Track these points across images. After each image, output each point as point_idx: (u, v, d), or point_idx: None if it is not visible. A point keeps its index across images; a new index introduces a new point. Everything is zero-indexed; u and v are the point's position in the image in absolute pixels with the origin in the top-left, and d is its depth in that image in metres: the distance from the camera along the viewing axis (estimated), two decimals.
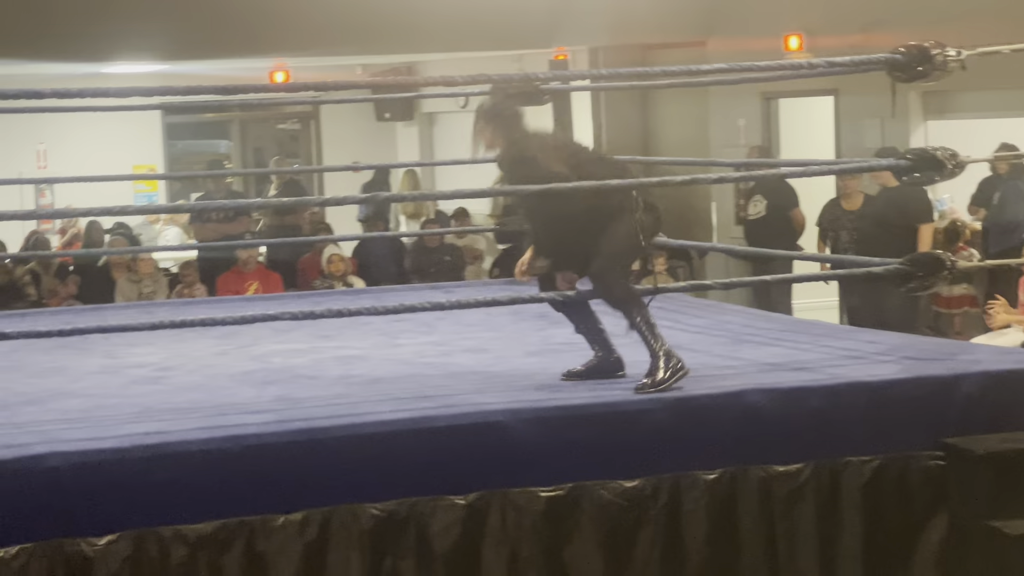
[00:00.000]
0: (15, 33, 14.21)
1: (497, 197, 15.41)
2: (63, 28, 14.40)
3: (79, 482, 4.64)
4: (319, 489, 4.87)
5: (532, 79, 6.24)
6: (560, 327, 7.03)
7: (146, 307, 8.94)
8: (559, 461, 5.10)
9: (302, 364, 6.28)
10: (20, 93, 5.30)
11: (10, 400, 5.62)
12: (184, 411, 5.28)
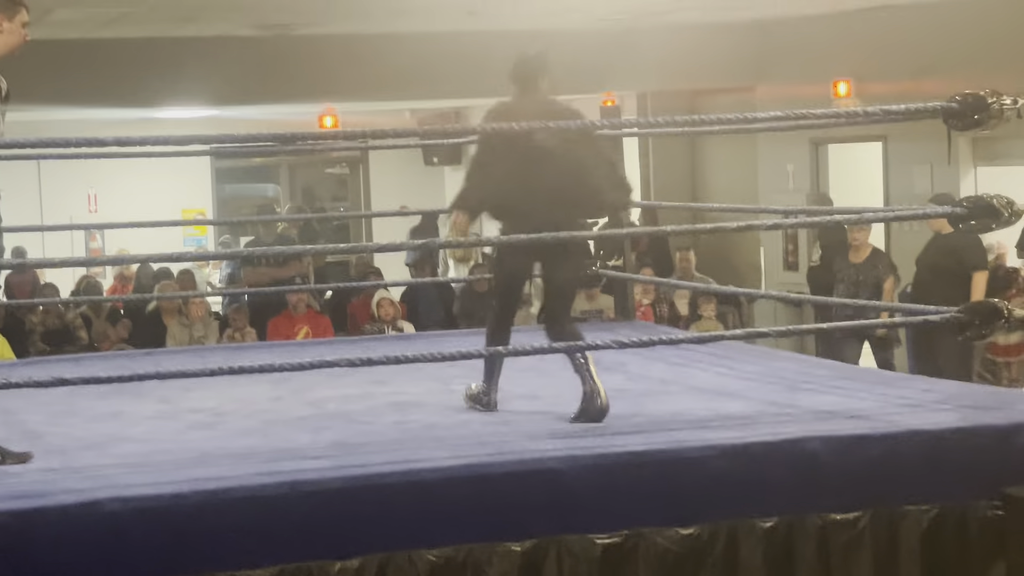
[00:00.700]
0: (69, 80, 14.38)
1: None
2: (116, 74, 14.56)
3: (138, 528, 4.66)
4: (376, 535, 4.88)
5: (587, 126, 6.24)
6: (611, 373, 7.04)
7: (199, 351, 8.99)
8: (615, 508, 5.09)
9: (357, 410, 6.30)
10: (81, 141, 5.35)
11: (68, 445, 5.66)
12: (241, 456, 5.30)
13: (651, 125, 7.32)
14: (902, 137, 13.38)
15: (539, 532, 5.01)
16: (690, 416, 5.83)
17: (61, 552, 4.59)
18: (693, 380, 6.83)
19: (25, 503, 4.64)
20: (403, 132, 8.07)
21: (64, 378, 5.16)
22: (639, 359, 7.36)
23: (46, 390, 6.37)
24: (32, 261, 8.59)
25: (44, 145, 5.31)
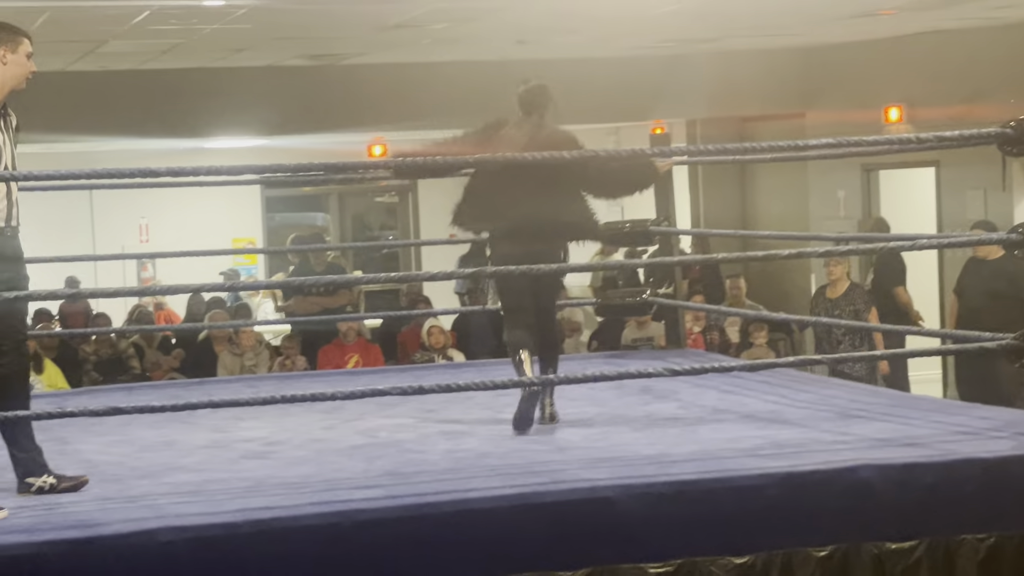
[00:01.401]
0: (120, 110, 14.49)
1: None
2: (166, 105, 14.67)
3: (192, 557, 4.67)
4: (429, 564, 4.87)
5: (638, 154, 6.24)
6: (663, 401, 7.04)
7: (250, 381, 9.00)
8: (668, 537, 5.07)
9: (409, 439, 6.30)
10: (135, 172, 5.39)
11: (123, 474, 5.68)
12: (294, 486, 5.31)
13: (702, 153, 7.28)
14: (955, 162, 13.32)
15: (592, 561, 5.00)
16: (743, 444, 5.80)
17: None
18: (745, 408, 6.80)
19: (81, 532, 4.67)
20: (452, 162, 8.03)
21: (118, 407, 5.19)
22: (691, 387, 7.34)
23: (100, 419, 6.44)
24: (85, 291, 8.48)
25: (98, 176, 5.34)
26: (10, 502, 5.07)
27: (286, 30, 12.30)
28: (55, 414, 5.20)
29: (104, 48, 12.78)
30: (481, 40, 13.42)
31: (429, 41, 13.31)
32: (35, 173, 5.36)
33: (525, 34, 13.17)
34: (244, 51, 13.52)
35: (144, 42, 12.53)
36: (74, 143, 15.82)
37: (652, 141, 9.58)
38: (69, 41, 12.30)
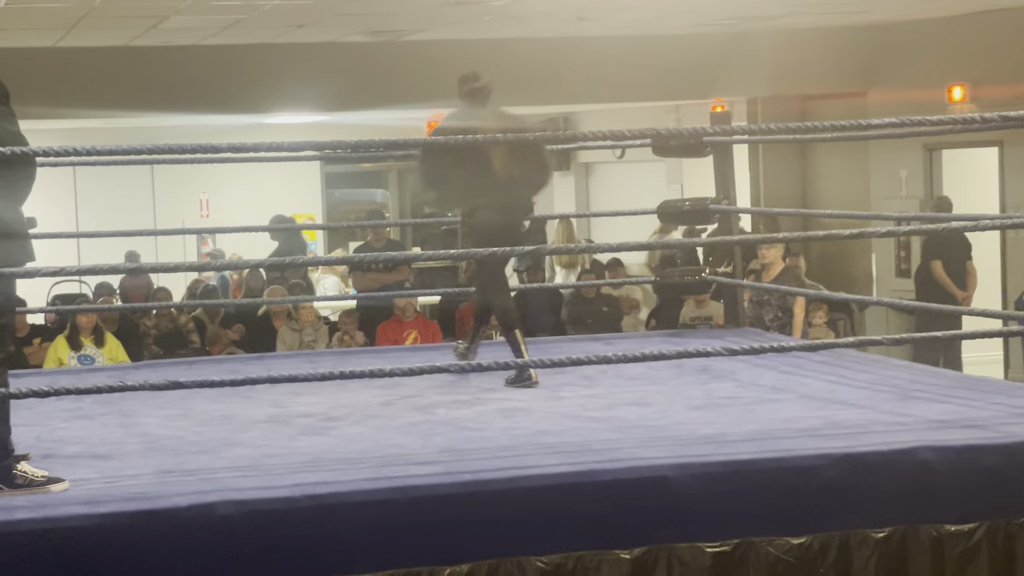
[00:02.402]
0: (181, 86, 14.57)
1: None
2: (227, 80, 14.73)
3: (250, 531, 4.70)
4: (485, 541, 4.88)
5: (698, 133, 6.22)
6: (721, 381, 7.01)
7: (309, 356, 9.02)
8: (725, 516, 5.06)
9: (466, 416, 6.30)
10: (196, 148, 5.42)
11: (182, 448, 5.72)
12: (352, 461, 5.33)
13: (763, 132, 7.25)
14: (1019, 142, 13.19)
15: (648, 540, 4.99)
16: (802, 424, 5.77)
17: (174, 554, 4.64)
18: (804, 388, 6.77)
19: (140, 505, 4.71)
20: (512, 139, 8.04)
21: (178, 381, 5.22)
22: (749, 367, 7.31)
23: (160, 393, 6.47)
24: (146, 265, 8.53)
25: (159, 152, 5.36)
26: (71, 474, 5.11)
27: (347, 6, 12.32)
28: (116, 387, 5.24)
29: (166, 23, 12.84)
30: (542, 17, 13.38)
31: (490, 18, 13.29)
32: (97, 148, 5.38)
33: (586, 11, 13.14)
34: (305, 27, 13.55)
35: (206, 17, 12.58)
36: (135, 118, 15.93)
37: (712, 119, 9.54)
38: (131, 16, 12.36)
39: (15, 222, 5.01)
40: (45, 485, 4.92)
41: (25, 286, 6.05)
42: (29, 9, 11.45)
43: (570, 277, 16.14)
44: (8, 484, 4.87)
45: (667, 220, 9.41)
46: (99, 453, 5.62)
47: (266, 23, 13.07)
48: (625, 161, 18.53)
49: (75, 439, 5.89)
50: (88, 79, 14.26)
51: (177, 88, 14.55)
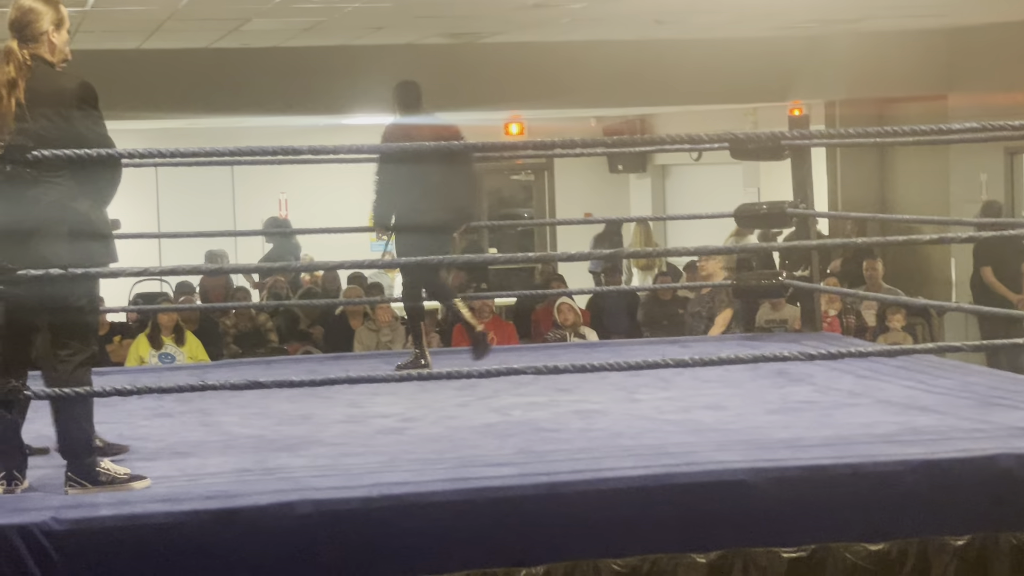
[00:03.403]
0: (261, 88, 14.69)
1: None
2: (307, 82, 14.84)
3: (328, 530, 4.74)
4: (562, 543, 4.90)
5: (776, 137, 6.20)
6: (798, 385, 6.99)
7: (386, 356, 9.07)
8: (802, 521, 5.05)
9: (542, 417, 6.32)
10: (277, 150, 5.46)
11: (261, 446, 5.78)
12: (428, 462, 5.36)
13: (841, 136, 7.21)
14: None
15: (725, 544, 4.99)
16: (879, 430, 5.74)
17: (253, 551, 4.70)
18: (882, 393, 6.73)
19: (220, 503, 4.76)
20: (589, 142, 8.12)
21: (259, 381, 5.28)
22: (826, 371, 7.28)
23: (240, 392, 6.55)
24: (227, 266, 8.75)
25: (241, 154, 5.42)
26: (153, 472, 5.18)
27: (426, 8, 12.38)
28: (197, 387, 5.30)
29: (247, 26, 12.95)
30: (619, 20, 13.38)
31: (568, 20, 13.31)
32: (181, 150, 5.45)
33: (664, 14, 13.12)
34: (384, 29, 13.62)
35: (287, 20, 12.68)
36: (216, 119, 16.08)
37: (791, 123, 9.50)
38: (214, 19, 12.48)
39: (100, 223, 5.08)
40: (128, 482, 4.99)
41: (107, 285, 6.12)
42: (114, 12, 11.59)
43: (647, 279, 16.13)
44: (92, 481, 4.94)
45: (744, 224, 9.38)
46: (180, 451, 5.69)
47: (346, 25, 13.15)
48: (702, 163, 18.50)
49: (156, 437, 5.97)
50: (171, 81, 14.42)
51: (257, 89, 14.67)
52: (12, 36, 4.99)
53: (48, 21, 5.03)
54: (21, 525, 4.56)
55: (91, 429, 5.03)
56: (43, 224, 4.94)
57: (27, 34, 4.99)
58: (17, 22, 5.01)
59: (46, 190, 4.92)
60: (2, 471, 4.99)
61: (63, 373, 4.98)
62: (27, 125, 4.90)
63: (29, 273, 4.85)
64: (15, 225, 4.96)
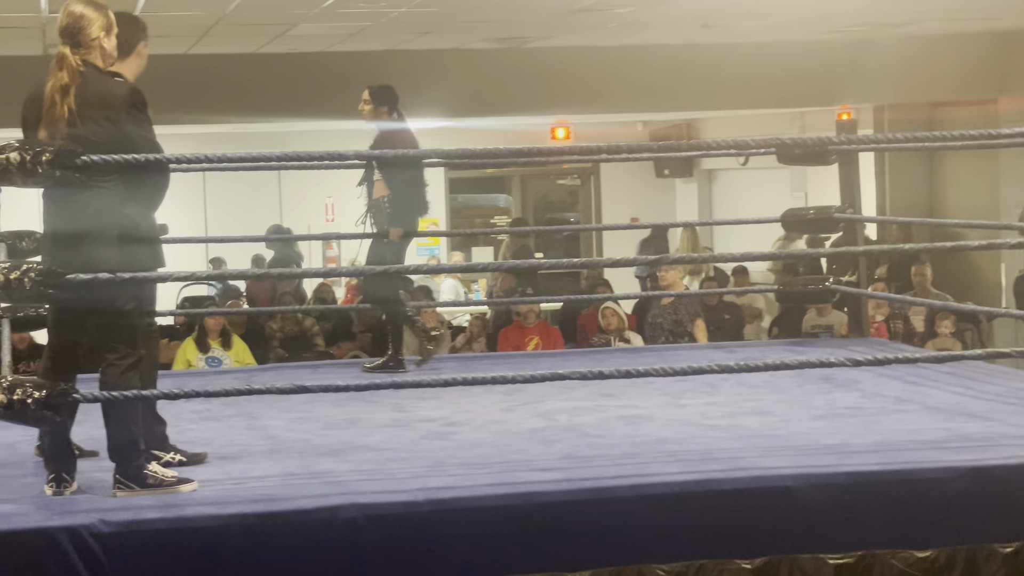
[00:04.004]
0: (308, 92, 14.74)
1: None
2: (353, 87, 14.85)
3: (374, 534, 4.75)
4: (606, 548, 4.89)
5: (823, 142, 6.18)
6: (845, 390, 6.95)
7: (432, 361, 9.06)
8: (849, 528, 5.02)
9: (588, 422, 6.31)
10: (323, 155, 5.48)
11: (307, 450, 5.80)
12: (474, 466, 5.37)
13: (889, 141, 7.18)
14: None
15: (770, 550, 4.98)
16: (927, 436, 5.72)
17: (299, 555, 4.71)
18: (930, 399, 6.69)
19: (266, 506, 4.78)
20: (636, 146, 8.10)
21: (305, 385, 5.30)
22: (874, 376, 7.25)
23: (285, 396, 6.57)
24: (273, 271, 8.81)
25: (288, 159, 5.45)
26: (199, 475, 5.20)
27: (472, 13, 12.39)
28: (244, 391, 5.32)
29: (294, 31, 13.00)
30: (666, 24, 13.36)
31: (615, 25, 13.30)
32: (228, 155, 5.47)
33: (711, 18, 13.09)
34: (430, 34, 13.65)
35: (333, 25, 12.72)
36: (263, 124, 16.14)
37: (838, 127, 9.46)
38: (261, 24, 12.54)
39: (148, 228, 5.11)
40: (175, 485, 5.02)
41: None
42: (162, 17, 11.66)
43: (693, 284, 16.08)
44: (139, 484, 4.97)
45: (791, 228, 9.34)
46: (227, 454, 5.71)
47: (392, 30, 13.18)
48: (748, 168, 18.45)
49: (203, 440, 5.99)
50: (218, 86, 14.49)
51: (304, 94, 14.72)
52: (64, 42, 5.03)
53: (99, 27, 5.06)
54: (69, 527, 4.59)
55: (139, 432, 5.06)
56: (92, 228, 4.97)
57: (79, 40, 5.03)
58: (69, 28, 5.04)
59: (95, 195, 4.96)
60: (51, 473, 5.03)
61: (111, 376, 5.02)
62: (77, 130, 4.94)
63: (78, 277, 4.88)
64: (64, 229, 5.00)
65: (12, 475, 5.38)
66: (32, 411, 4.76)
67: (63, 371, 5.07)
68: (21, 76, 6.08)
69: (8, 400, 4.73)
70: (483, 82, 15.24)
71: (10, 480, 5.30)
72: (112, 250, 4.97)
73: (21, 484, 5.20)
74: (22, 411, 4.76)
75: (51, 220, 5.07)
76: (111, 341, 5.04)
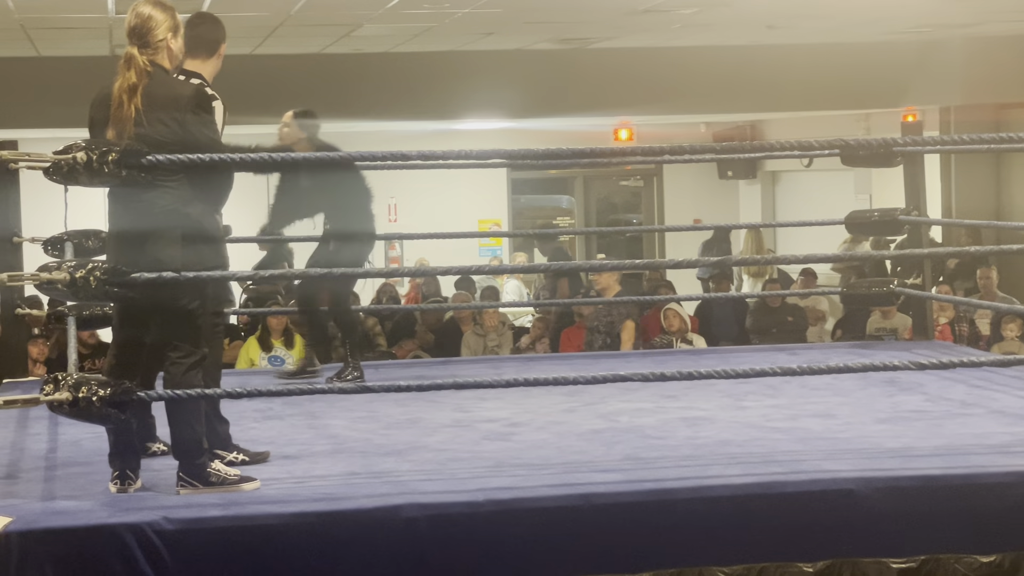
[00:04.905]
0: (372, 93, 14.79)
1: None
2: (417, 87, 14.91)
3: (434, 534, 4.76)
4: (666, 550, 4.88)
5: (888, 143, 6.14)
6: (909, 394, 6.91)
7: (493, 362, 9.11)
8: (912, 532, 4.99)
9: (649, 424, 6.30)
10: (387, 155, 5.50)
11: (369, 450, 5.82)
12: (535, 467, 5.37)
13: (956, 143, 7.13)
14: None
15: (832, 553, 4.95)
16: (992, 440, 5.67)
17: (360, 554, 4.73)
18: (996, 403, 6.64)
19: (328, 505, 4.81)
20: (699, 148, 8.05)
21: (367, 385, 5.31)
22: (938, 380, 7.20)
23: (347, 395, 6.60)
24: (336, 270, 8.70)
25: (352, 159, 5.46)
26: (262, 474, 5.23)
27: (536, 14, 12.40)
28: (306, 390, 5.35)
29: (358, 32, 13.05)
30: (730, 25, 13.32)
31: (678, 25, 13.27)
32: (292, 156, 5.51)
33: (775, 19, 13.04)
34: (494, 35, 13.66)
35: (397, 26, 12.76)
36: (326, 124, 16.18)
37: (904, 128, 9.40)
38: (325, 25, 12.60)
39: (212, 227, 5.15)
40: (237, 484, 5.05)
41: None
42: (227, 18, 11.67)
43: (757, 286, 16.03)
44: (203, 482, 5.01)
45: (855, 231, 9.29)
46: (289, 453, 5.74)
47: (456, 31, 13.21)
48: (812, 170, 18.35)
49: (266, 439, 6.02)
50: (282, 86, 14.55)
51: (368, 95, 14.77)
52: (131, 43, 5.07)
53: (166, 28, 5.11)
54: (133, 524, 4.63)
55: (202, 430, 5.09)
56: (157, 228, 5.01)
57: (146, 41, 5.07)
58: (137, 29, 5.08)
59: (160, 194, 4.99)
60: (116, 471, 5.07)
61: (174, 375, 5.06)
62: (144, 130, 4.98)
63: (142, 276, 4.92)
64: (130, 228, 5.04)
65: (78, 472, 5.44)
66: (97, 409, 4.80)
67: (128, 369, 5.11)
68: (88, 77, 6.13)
69: (74, 398, 4.77)
70: (546, 83, 15.24)
71: (76, 477, 5.35)
72: (176, 249, 5.00)
73: (86, 481, 5.25)
74: (87, 409, 4.80)
75: (116, 219, 5.11)
76: (174, 340, 5.07)
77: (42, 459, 5.74)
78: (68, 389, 4.79)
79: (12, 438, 6.17)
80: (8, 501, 4.89)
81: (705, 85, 15.23)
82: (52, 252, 7.14)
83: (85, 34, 12.61)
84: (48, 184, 5.03)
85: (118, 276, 4.90)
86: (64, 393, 4.78)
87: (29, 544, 4.54)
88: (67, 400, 4.78)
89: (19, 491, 5.15)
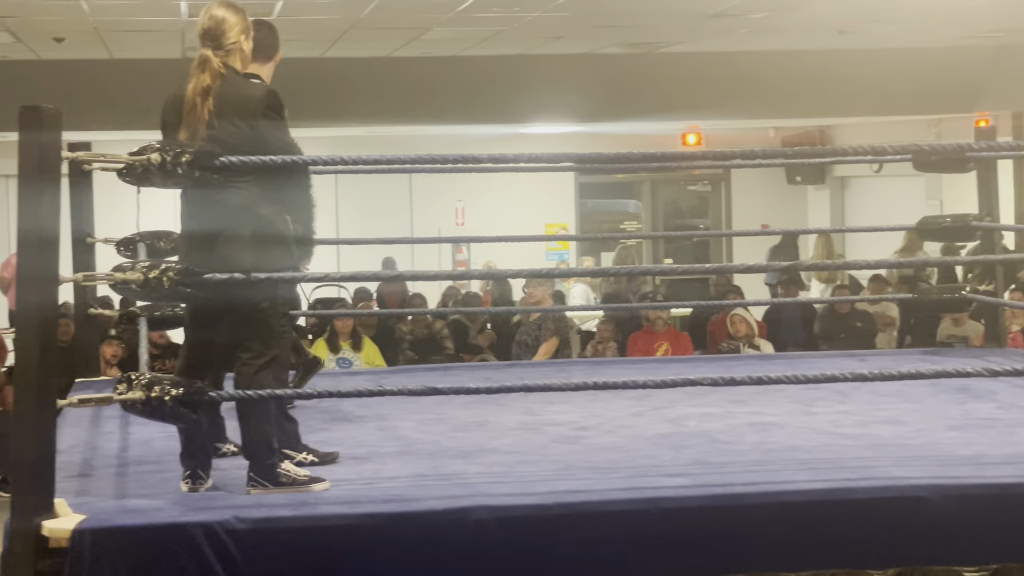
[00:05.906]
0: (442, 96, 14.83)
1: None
2: (486, 91, 14.95)
3: (502, 536, 4.76)
4: (737, 555, 4.86)
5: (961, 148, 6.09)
6: (981, 401, 6.85)
7: (561, 365, 9.10)
8: (984, 541, 4.95)
9: (717, 429, 6.28)
10: (457, 158, 5.52)
11: (437, 452, 5.83)
12: (603, 471, 5.36)
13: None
14: None
15: (902, 561, 4.92)
16: None
17: (428, 555, 4.74)
18: None
19: (397, 507, 4.81)
20: (768, 152, 8.04)
21: (435, 387, 5.33)
22: (1011, 388, 7.14)
23: (416, 398, 6.62)
24: (406, 273, 8.86)
25: (421, 162, 5.48)
26: (331, 475, 5.26)
27: (605, 18, 12.40)
28: (375, 392, 5.37)
29: (428, 35, 13.09)
30: (801, 29, 13.27)
31: (748, 30, 13.23)
32: (363, 158, 5.53)
33: (846, 23, 12.97)
34: (563, 38, 13.67)
35: (467, 29, 12.79)
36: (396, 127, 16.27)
37: (976, 134, 9.32)
38: (395, 28, 12.65)
39: (282, 229, 5.17)
40: (307, 484, 5.07)
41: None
42: (299, 21, 11.81)
43: (827, 292, 15.94)
44: (272, 483, 5.03)
45: (927, 236, 9.22)
46: (358, 455, 5.76)
47: (525, 34, 13.23)
48: (882, 175, 18.23)
49: (335, 440, 6.04)
50: (352, 89, 14.64)
51: (437, 98, 14.82)
52: (205, 45, 5.11)
53: (239, 31, 5.14)
54: (204, 523, 4.66)
55: (272, 431, 5.12)
56: (228, 228, 5.04)
57: (220, 43, 5.11)
58: (211, 32, 5.12)
59: (232, 195, 5.03)
60: (187, 470, 5.11)
61: (245, 376, 5.08)
62: (216, 132, 5.01)
63: (214, 277, 4.96)
64: (202, 229, 5.08)
65: (149, 471, 5.47)
66: (170, 408, 4.83)
67: (199, 369, 5.15)
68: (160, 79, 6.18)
69: (147, 397, 4.81)
70: (614, 87, 15.24)
71: (147, 476, 5.39)
72: (247, 250, 5.03)
73: (158, 480, 5.28)
74: (159, 408, 4.83)
75: (189, 220, 5.15)
76: (245, 340, 5.10)
77: (114, 458, 5.79)
78: (141, 388, 4.82)
79: (85, 437, 6.23)
80: (81, 499, 4.93)
81: (774, 90, 15.18)
82: (125, 252, 7.20)
83: (158, 37, 12.73)
84: (116, 186, 5.07)
85: (191, 276, 4.94)
86: (137, 392, 4.81)
87: (102, 541, 4.58)
88: (140, 399, 4.82)
89: (92, 489, 5.19)
